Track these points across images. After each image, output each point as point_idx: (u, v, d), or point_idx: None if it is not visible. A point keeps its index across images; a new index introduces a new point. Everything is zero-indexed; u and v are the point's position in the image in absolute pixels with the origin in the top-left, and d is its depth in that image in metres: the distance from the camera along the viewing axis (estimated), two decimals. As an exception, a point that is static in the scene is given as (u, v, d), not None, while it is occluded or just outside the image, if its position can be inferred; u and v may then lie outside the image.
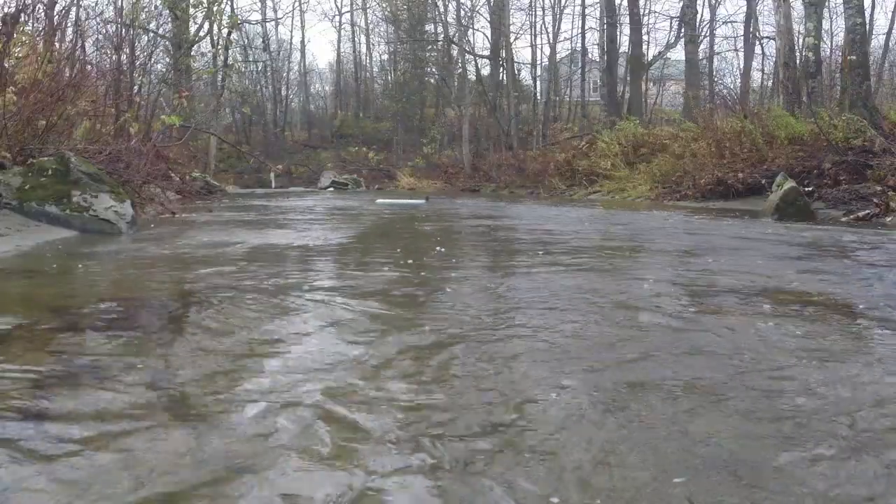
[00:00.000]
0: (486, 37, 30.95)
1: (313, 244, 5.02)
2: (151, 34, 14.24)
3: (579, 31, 32.22)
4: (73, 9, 10.67)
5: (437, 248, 4.67)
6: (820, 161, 9.36)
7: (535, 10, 32.25)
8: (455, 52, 29.17)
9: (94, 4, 16.15)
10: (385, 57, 37.37)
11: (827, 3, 20.52)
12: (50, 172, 5.63)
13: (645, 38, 26.77)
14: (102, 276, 3.27)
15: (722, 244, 4.94)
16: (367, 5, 36.60)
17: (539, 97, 30.63)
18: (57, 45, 7.88)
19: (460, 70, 28.95)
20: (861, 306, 2.62)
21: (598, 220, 7.76)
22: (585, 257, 4.24)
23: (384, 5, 34.75)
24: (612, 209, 10.15)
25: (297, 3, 42.72)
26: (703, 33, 27.05)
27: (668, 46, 27.51)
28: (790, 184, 7.99)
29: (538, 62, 32.33)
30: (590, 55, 31.59)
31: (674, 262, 4.08)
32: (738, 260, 4.03)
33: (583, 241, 5.34)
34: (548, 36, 34.24)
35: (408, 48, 32.64)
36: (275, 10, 38.15)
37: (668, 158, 13.61)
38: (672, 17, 28.72)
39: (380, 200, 12.61)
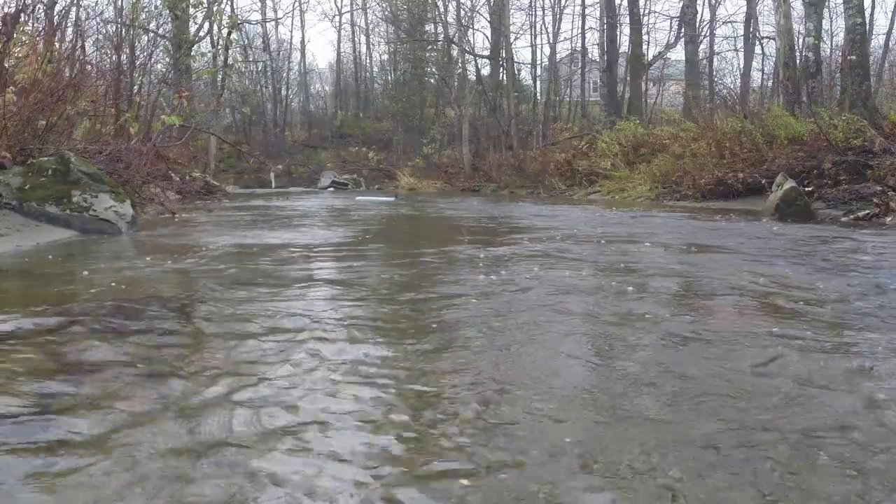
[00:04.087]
0: (486, 37, 30.98)
1: (313, 243, 5.02)
2: (151, 34, 14.24)
3: (579, 31, 32.23)
4: (73, 9, 10.69)
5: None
6: (820, 161, 9.35)
7: (535, 10, 32.25)
8: (455, 52, 29.16)
9: (94, 4, 16.18)
10: (385, 57, 37.41)
11: (827, 3, 20.51)
12: (50, 172, 5.63)
13: (645, 38, 26.75)
14: (102, 277, 3.27)
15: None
16: (367, 5, 36.63)
17: (539, 97, 30.61)
18: (57, 45, 7.87)
19: (460, 70, 28.93)
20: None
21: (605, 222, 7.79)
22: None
23: (384, 5, 34.76)
24: (611, 208, 10.17)
25: (297, 3, 42.78)
26: (703, 33, 27.03)
27: (668, 46, 27.48)
28: (790, 184, 7.99)
29: (538, 62, 32.35)
30: (590, 55, 31.56)
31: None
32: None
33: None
34: (548, 36, 34.27)
35: (408, 48, 32.60)
36: (275, 10, 38.25)
37: (668, 158, 13.59)
38: (672, 17, 28.72)
39: (358, 198, 15.01)
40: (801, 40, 16.07)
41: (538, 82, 32.43)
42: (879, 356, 1.93)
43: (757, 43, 28.10)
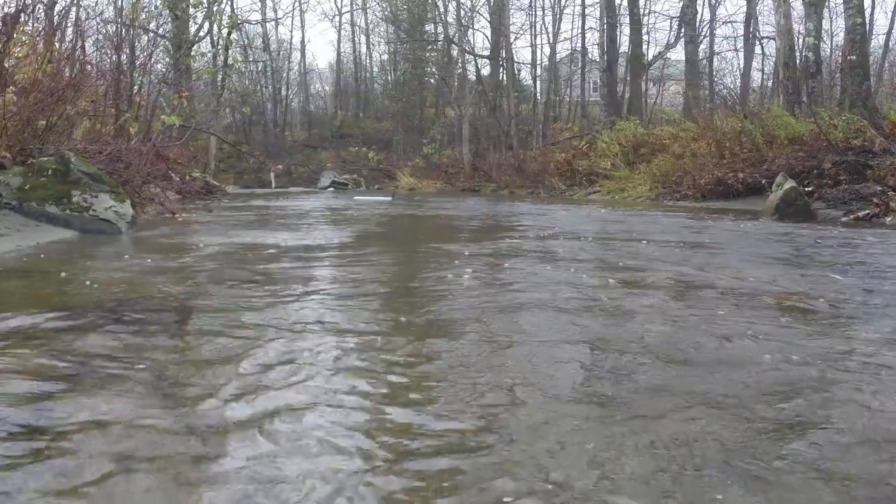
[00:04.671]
0: (486, 37, 30.99)
1: (311, 244, 5.02)
2: (151, 34, 14.24)
3: (579, 31, 32.25)
4: (73, 9, 10.69)
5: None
6: (820, 161, 9.36)
7: (535, 10, 32.27)
8: (455, 52, 29.17)
9: (94, 4, 16.18)
10: (385, 57, 37.43)
11: (827, 3, 20.53)
12: (50, 172, 5.63)
13: (645, 38, 26.76)
14: (102, 277, 3.27)
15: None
16: (367, 5, 36.65)
17: (539, 97, 30.62)
18: (57, 45, 7.87)
19: (460, 70, 28.94)
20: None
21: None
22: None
23: (384, 5, 34.77)
24: (609, 208, 10.18)
25: (297, 3, 42.79)
26: (703, 33, 27.05)
27: (668, 46, 27.51)
28: (790, 184, 8.00)
29: (538, 62, 32.36)
30: (590, 55, 31.58)
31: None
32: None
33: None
34: (548, 36, 34.26)
35: (408, 48, 32.61)
36: (275, 10, 38.19)
37: (668, 158, 13.60)
38: (672, 17, 28.73)
39: (356, 197, 15.43)
40: (801, 40, 16.08)
41: (538, 82, 32.46)
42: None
43: (757, 43, 28.14)
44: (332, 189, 24.02)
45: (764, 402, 1.54)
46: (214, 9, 21.99)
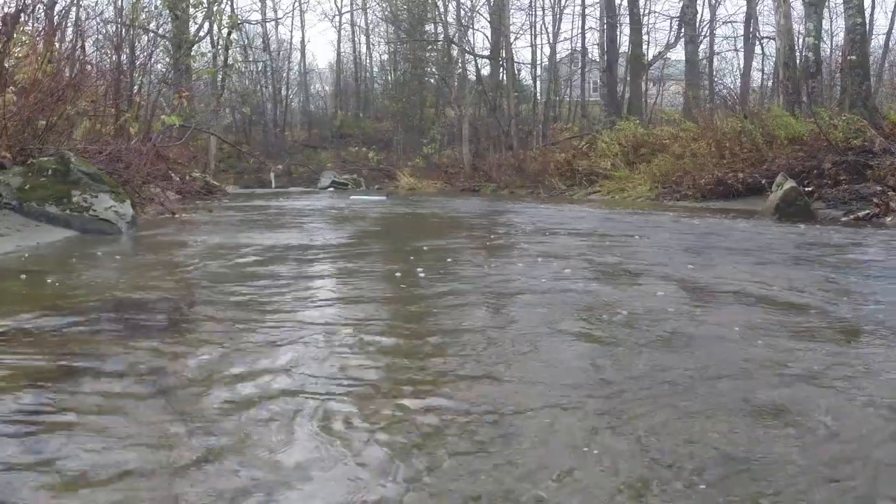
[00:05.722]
0: (486, 37, 30.99)
1: (310, 243, 5.03)
2: (151, 34, 14.24)
3: (579, 31, 32.25)
4: (73, 9, 10.69)
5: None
6: (820, 161, 9.35)
7: (535, 10, 32.27)
8: (455, 52, 29.17)
9: (94, 4, 16.20)
10: (385, 57, 37.44)
11: (827, 3, 20.53)
12: (50, 172, 5.63)
13: (645, 38, 26.76)
14: (102, 276, 3.27)
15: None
16: (367, 5, 36.66)
17: (539, 97, 30.62)
18: (57, 45, 7.87)
19: (460, 70, 28.92)
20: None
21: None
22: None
23: (384, 5, 34.77)
24: (605, 208, 10.19)
25: (297, 3, 42.80)
26: (703, 33, 27.04)
27: (668, 46, 27.49)
28: (790, 184, 8.00)
29: (538, 62, 32.36)
30: (590, 55, 31.59)
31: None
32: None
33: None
34: (548, 36, 34.26)
35: (408, 48, 32.62)
36: (275, 10, 38.23)
37: (668, 158, 13.59)
38: (672, 17, 28.72)
39: (353, 197, 15.91)
40: (801, 40, 16.08)
41: (538, 82, 32.47)
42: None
43: (757, 43, 28.14)
44: (331, 189, 24.03)
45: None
46: (214, 9, 22.01)
